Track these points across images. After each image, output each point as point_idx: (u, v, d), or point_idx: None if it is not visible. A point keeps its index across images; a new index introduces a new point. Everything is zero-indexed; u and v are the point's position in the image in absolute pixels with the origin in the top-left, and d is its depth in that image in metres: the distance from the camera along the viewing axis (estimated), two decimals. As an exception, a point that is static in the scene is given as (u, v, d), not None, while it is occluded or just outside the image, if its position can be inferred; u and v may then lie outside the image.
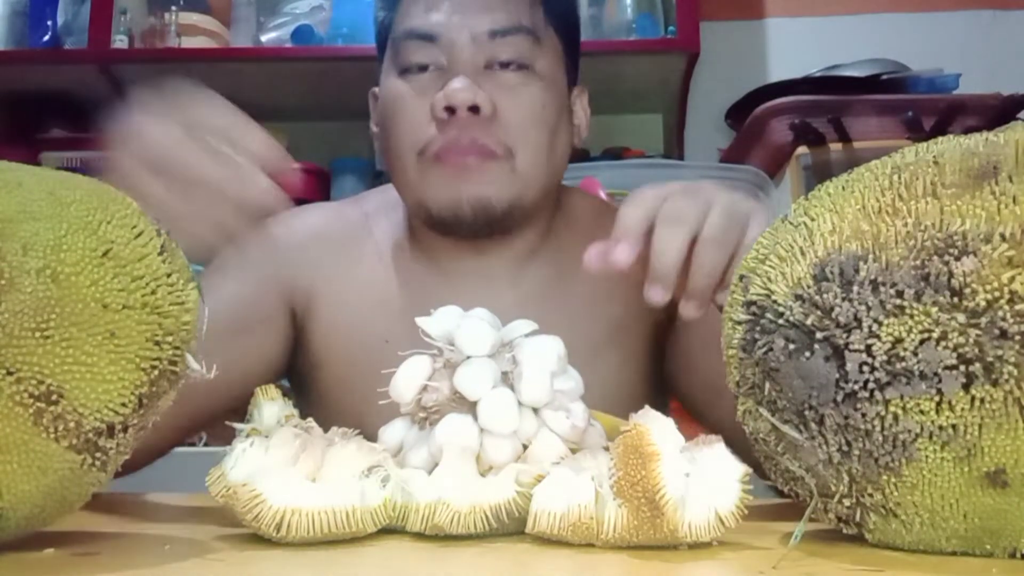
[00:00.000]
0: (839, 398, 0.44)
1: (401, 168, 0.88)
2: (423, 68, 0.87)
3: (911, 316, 0.42)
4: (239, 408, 0.83)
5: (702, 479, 0.47)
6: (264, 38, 2.23)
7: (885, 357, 0.43)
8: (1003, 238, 0.42)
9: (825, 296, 0.44)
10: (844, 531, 0.48)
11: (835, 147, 1.83)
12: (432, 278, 0.94)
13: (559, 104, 0.90)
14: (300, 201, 2.24)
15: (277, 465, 0.50)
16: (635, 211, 0.65)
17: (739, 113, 2.04)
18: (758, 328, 0.47)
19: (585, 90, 0.97)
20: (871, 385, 0.43)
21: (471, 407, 0.55)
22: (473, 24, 0.85)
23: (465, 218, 0.86)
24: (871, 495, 0.45)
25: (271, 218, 1.01)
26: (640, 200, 0.66)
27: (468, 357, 0.56)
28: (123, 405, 0.44)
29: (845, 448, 0.44)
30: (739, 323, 0.48)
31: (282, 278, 0.95)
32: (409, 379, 0.56)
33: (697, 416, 0.93)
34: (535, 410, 0.55)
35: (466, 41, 0.85)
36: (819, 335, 0.44)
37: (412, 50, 0.87)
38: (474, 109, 0.83)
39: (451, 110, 0.83)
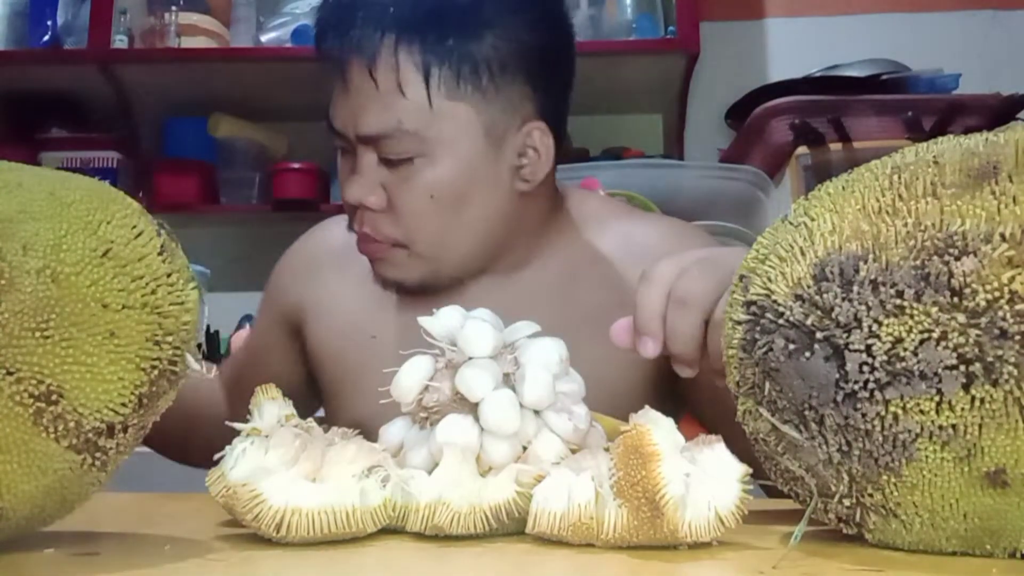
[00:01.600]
0: (839, 398, 0.44)
1: None
2: (345, 150, 0.92)
3: (911, 316, 0.42)
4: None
5: (702, 479, 0.47)
6: (264, 38, 2.23)
7: (885, 357, 0.43)
8: (1003, 238, 0.42)
9: (825, 296, 0.44)
10: (844, 531, 0.48)
11: (835, 147, 1.83)
12: (411, 296, 0.96)
13: (463, 182, 0.88)
14: (300, 201, 2.23)
15: (277, 465, 0.50)
16: (652, 294, 0.64)
17: (739, 113, 2.04)
18: (758, 328, 0.47)
19: (542, 126, 0.91)
20: (871, 385, 0.43)
21: (472, 408, 0.55)
22: (356, 127, 0.88)
23: (411, 289, 0.93)
24: (871, 495, 0.45)
25: (305, 235, 1.12)
26: (657, 279, 0.65)
27: (470, 358, 0.56)
28: (123, 405, 0.44)
29: (845, 448, 0.44)
30: (739, 323, 0.48)
31: (282, 301, 1.05)
32: (411, 379, 0.56)
33: (705, 421, 0.94)
34: (537, 412, 0.55)
35: (354, 139, 0.89)
36: (819, 335, 0.44)
37: (333, 137, 0.92)
38: (363, 206, 0.88)
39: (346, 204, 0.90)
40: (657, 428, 0.48)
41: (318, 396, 1.04)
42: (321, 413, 1.04)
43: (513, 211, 0.92)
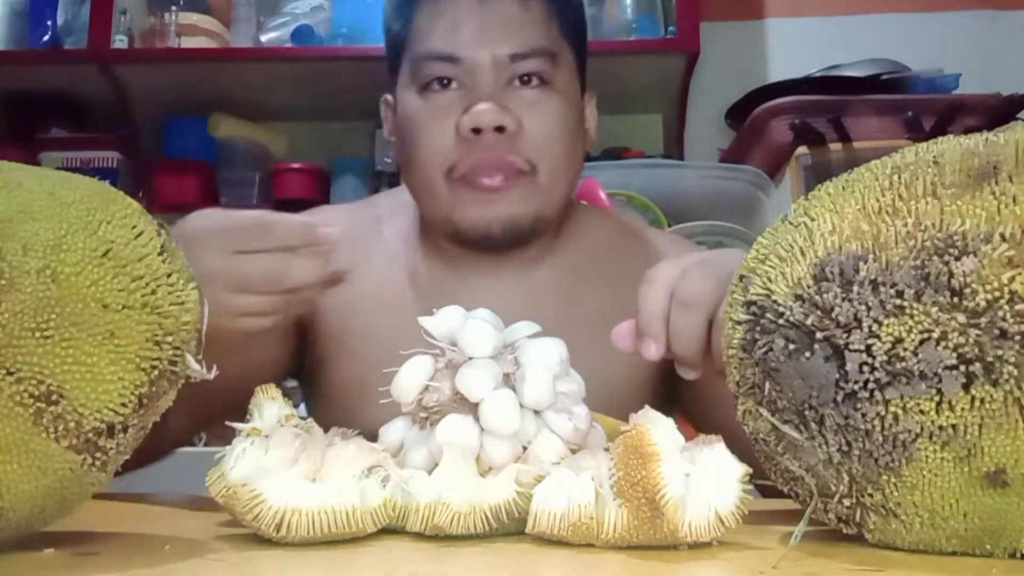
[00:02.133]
0: (839, 398, 0.44)
1: (427, 187, 0.90)
2: (444, 85, 0.89)
3: (911, 316, 0.42)
4: (238, 409, 0.85)
5: (702, 479, 0.47)
6: (264, 38, 2.23)
7: (885, 357, 0.43)
8: (1003, 238, 0.42)
9: (825, 296, 0.44)
10: (844, 531, 0.48)
11: (835, 147, 1.83)
12: (444, 278, 0.95)
13: (576, 116, 0.93)
14: (300, 201, 2.24)
15: (277, 465, 0.50)
16: (654, 296, 0.65)
17: (739, 113, 2.04)
18: (758, 328, 0.47)
19: (594, 95, 0.99)
20: (871, 385, 0.43)
21: (472, 408, 0.55)
22: (495, 47, 0.87)
23: (494, 237, 0.90)
24: (871, 495, 0.45)
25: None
26: (658, 281, 0.65)
27: (470, 358, 0.56)
28: (123, 405, 0.44)
29: (845, 448, 0.44)
30: (739, 323, 0.48)
31: None
32: (411, 379, 0.56)
33: (699, 426, 0.94)
34: (537, 412, 0.56)
35: (488, 63, 0.87)
36: (819, 335, 0.44)
37: (433, 71, 0.89)
38: (500, 129, 0.86)
39: (477, 131, 0.86)
40: (657, 428, 0.48)
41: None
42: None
43: (579, 176, 0.95)
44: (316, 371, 0.98)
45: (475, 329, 0.56)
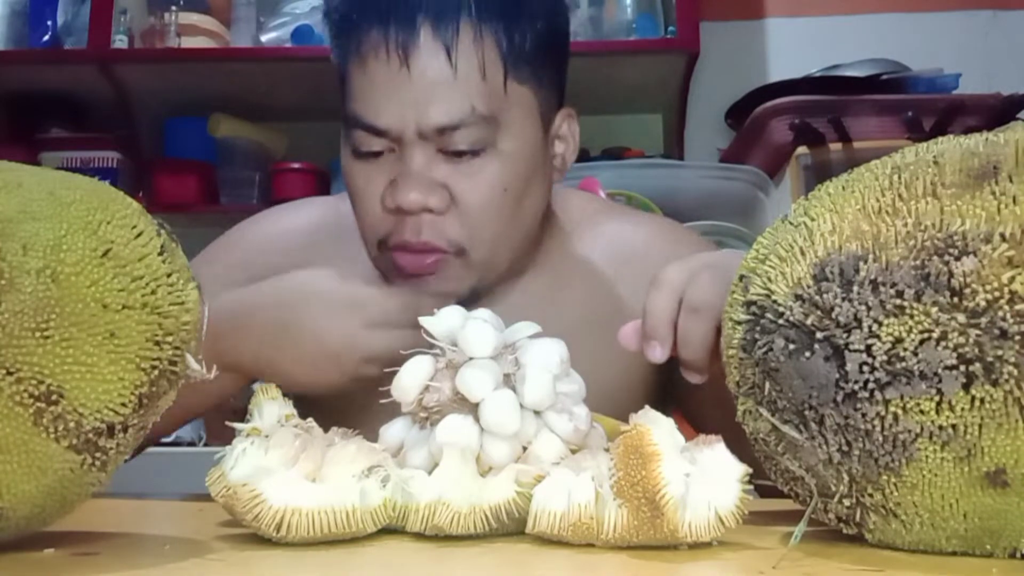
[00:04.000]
0: (839, 398, 0.44)
1: (368, 247, 0.87)
2: (375, 154, 0.82)
3: (911, 316, 0.42)
4: (225, 405, 0.85)
5: (702, 479, 0.47)
6: (264, 38, 2.23)
7: (885, 357, 0.43)
8: (1003, 238, 0.42)
9: (825, 296, 0.44)
10: (844, 531, 0.48)
11: (835, 147, 1.83)
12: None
13: (527, 172, 0.84)
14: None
15: (277, 465, 0.50)
16: (662, 299, 0.64)
17: (739, 113, 2.04)
18: (758, 328, 0.47)
19: (572, 112, 0.90)
20: (871, 385, 0.43)
21: (472, 408, 0.55)
22: (419, 118, 0.79)
23: (428, 311, 0.86)
24: (871, 495, 0.45)
25: (264, 213, 1.03)
26: (667, 284, 0.64)
27: (470, 358, 0.55)
28: (123, 405, 0.44)
29: (845, 448, 0.44)
30: (739, 323, 0.48)
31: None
32: (411, 379, 0.56)
33: (697, 426, 0.93)
34: (537, 412, 0.55)
35: (414, 136, 0.80)
36: (819, 335, 0.44)
37: (360, 138, 0.82)
38: (426, 210, 0.80)
39: (400, 210, 0.80)
40: (657, 428, 0.48)
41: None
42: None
43: (539, 217, 0.88)
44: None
45: (475, 329, 0.56)
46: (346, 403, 0.86)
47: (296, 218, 1.00)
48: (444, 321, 0.58)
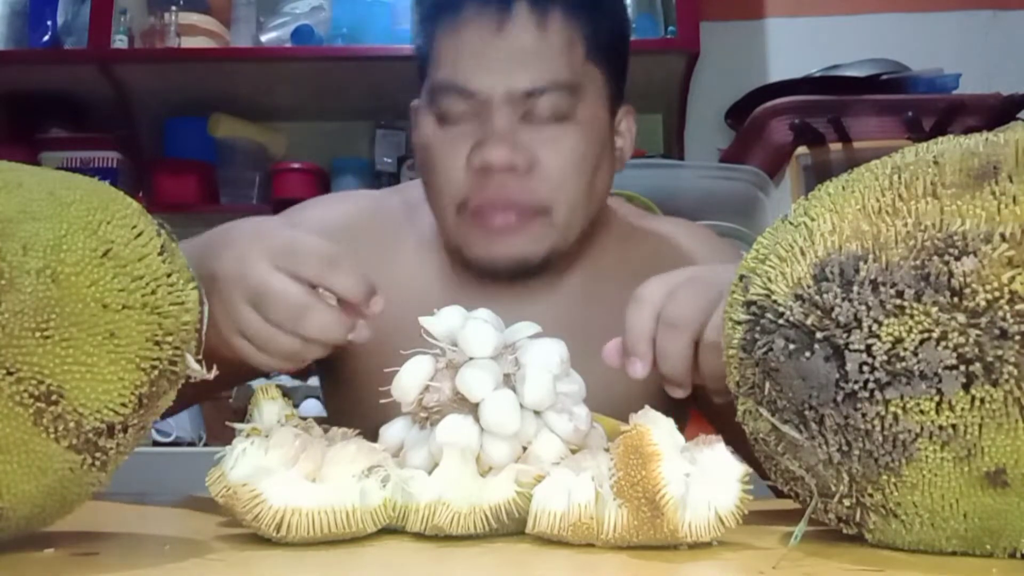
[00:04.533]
0: (839, 398, 0.44)
1: (441, 215, 0.89)
2: (459, 118, 0.86)
3: (911, 316, 0.42)
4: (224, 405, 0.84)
5: (702, 479, 0.47)
6: (264, 38, 2.23)
7: (885, 357, 0.43)
8: (1003, 238, 0.42)
9: (825, 296, 0.44)
10: (844, 531, 0.48)
11: (835, 147, 1.83)
12: (468, 281, 0.93)
13: (600, 146, 0.89)
14: (300, 201, 2.23)
15: (277, 465, 0.50)
16: (641, 316, 0.65)
17: (739, 113, 2.04)
18: (758, 328, 0.47)
19: (631, 109, 0.96)
20: (871, 385, 0.43)
21: (473, 408, 0.55)
22: (509, 81, 0.84)
23: (501, 272, 0.88)
24: (871, 495, 0.45)
25: (313, 200, 1.04)
26: (645, 301, 0.65)
27: (470, 358, 0.56)
28: (123, 405, 0.44)
29: (845, 448, 0.44)
30: (739, 323, 0.48)
31: None
32: (411, 379, 0.56)
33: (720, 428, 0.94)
34: (537, 412, 0.55)
35: (502, 99, 0.84)
36: (819, 335, 0.44)
37: (448, 101, 0.86)
38: (511, 168, 0.83)
39: (488, 168, 0.84)
40: (657, 428, 0.48)
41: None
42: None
43: (605, 198, 0.92)
44: (338, 359, 0.95)
45: (476, 329, 0.56)
46: (349, 405, 0.87)
47: (337, 210, 1.01)
48: (444, 321, 0.58)
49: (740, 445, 0.51)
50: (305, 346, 0.67)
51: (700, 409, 0.95)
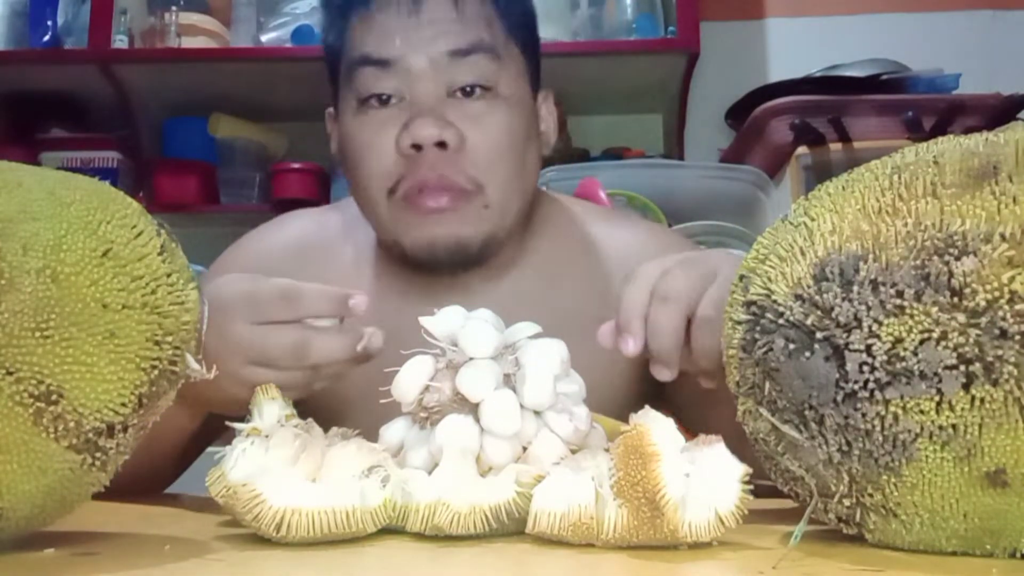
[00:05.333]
0: (839, 398, 0.44)
1: (371, 207, 0.87)
2: (383, 100, 0.84)
3: (911, 316, 0.42)
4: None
5: (702, 479, 0.47)
6: (264, 38, 2.23)
7: (885, 357, 0.43)
8: (1003, 238, 0.42)
9: (825, 296, 0.44)
10: (844, 531, 0.48)
11: (835, 147, 1.83)
12: (410, 288, 0.92)
13: (526, 123, 0.88)
14: (300, 201, 2.24)
15: (277, 465, 0.50)
16: (635, 293, 0.64)
17: (739, 113, 2.04)
18: (758, 328, 0.47)
19: (550, 93, 0.95)
20: (871, 385, 0.43)
21: (473, 408, 0.55)
22: (430, 46, 0.83)
23: (441, 259, 0.85)
24: (871, 495, 0.45)
25: (254, 231, 1.03)
26: (641, 279, 0.65)
27: (471, 358, 0.56)
28: (123, 405, 0.44)
29: (845, 448, 0.44)
30: (739, 323, 0.48)
31: None
32: (411, 379, 0.56)
33: (689, 424, 0.93)
34: (537, 413, 0.55)
35: (424, 65, 0.83)
36: (819, 335, 0.44)
37: (369, 79, 0.84)
38: (441, 144, 0.81)
39: (417, 147, 0.81)
40: (657, 428, 0.48)
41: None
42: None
43: (535, 183, 0.91)
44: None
45: (476, 330, 0.56)
46: (348, 406, 0.86)
47: (280, 234, 1.00)
48: (444, 321, 0.58)
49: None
50: (318, 374, 0.68)
51: (673, 405, 0.93)
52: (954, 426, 0.42)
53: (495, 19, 0.86)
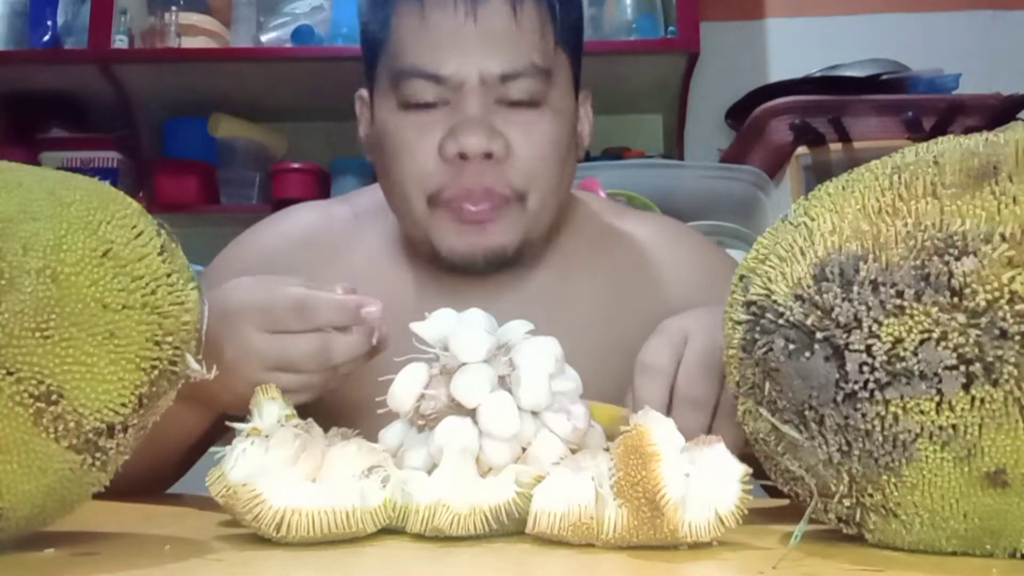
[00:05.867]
0: (839, 398, 0.44)
1: (407, 208, 0.86)
2: (428, 104, 0.83)
3: (911, 316, 0.42)
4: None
5: (702, 479, 0.47)
6: (264, 38, 2.23)
7: (885, 357, 0.43)
8: (1003, 238, 0.42)
9: (825, 296, 0.44)
10: (844, 531, 0.48)
11: (835, 147, 1.83)
12: (428, 284, 0.91)
13: (569, 130, 0.88)
14: (300, 201, 2.24)
15: (277, 465, 0.50)
16: (652, 389, 0.65)
17: (739, 113, 2.04)
18: (758, 328, 0.47)
19: (588, 95, 0.94)
20: (871, 385, 0.43)
21: (470, 411, 0.54)
22: (483, 65, 0.81)
23: (477, 266, 0.85)
24: (871, 495, 0.45)
25: (258, 225, 1.01)
26: (656, 372, 0.65)
27: (463, 364, 0.55)
28: (123, 405, 0.44)
29: (845, 448, 0.44)
30: (739, 323, 0.48)
31: None
32: (406, 388, 0.56)
33: None
34: (535, 413, 0.55)
35: (476, 82, 0.81)
36: (819, 335, 0.44)
37: (417, 89, 0.83)
38: (488, 155, 0.81)
39: (463, 156, 0.81)
40: (657, 428, 0.48)
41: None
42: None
43: (570, 187, 0.90)
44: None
45: (467, 335, 0.55)
46: (350, 408, 0.86)
47: (285, 228, 0.99)
48: (435, 326, 0.57)
49: None
50: (336, 373, 0.70)
51: None
52: (954, 426, 0.42)
53: (548, 27, 0.85)
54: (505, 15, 0.82)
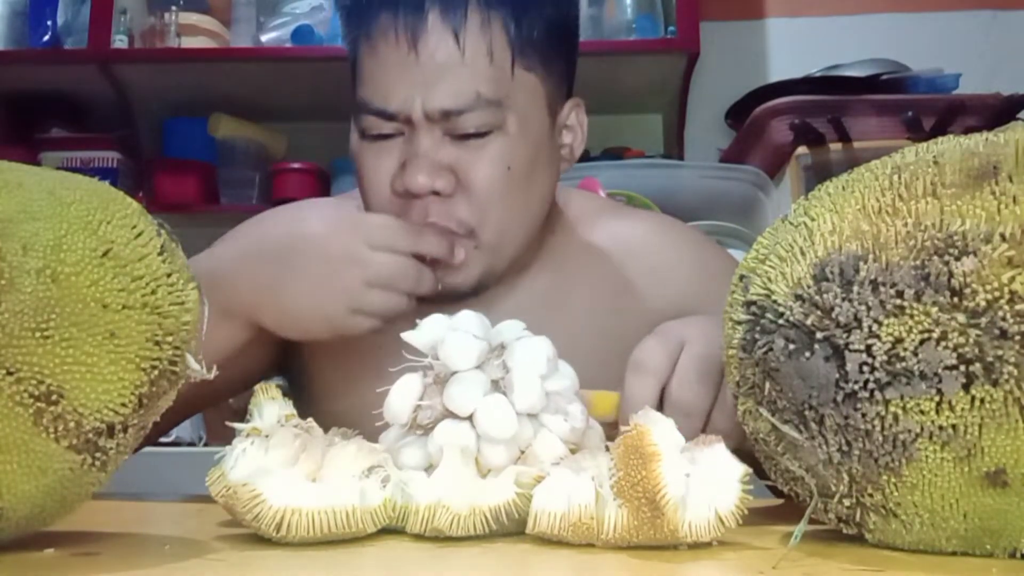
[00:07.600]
0: (839, 398, 0.44)
1: None
2: (386, 135, 0.82)
3: (911, 316, 0.42)
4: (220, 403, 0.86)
5: (702, 479, 0.47)
6: (264, 38, 2.23)
7: (885, 357, 0.43)
8: (1003, 238, 0.42)
9: (825, 296, 0.44)
10: (844, 531, 0.48)
11: (835, 147, 1.83)
12: None
13: (534, 151, 0.84)
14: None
15: (277, 465, 0.50)
16: (644, 389, 0.65)
17: (739, 113, 2.04)
18: (758, 328, 0.47)
19: (580, 101, 0.90)
20: (871, 385, 0.43)
21: (468, 417, 0.54)
22: (427, 101, 0.79)
23: (432, 298, 0.82)
24: (871, 495, 0.45)
25: (271, 215, 1.01)
26: (648, 372, 0.65)
27: (454, 372, 0.55)
28: (123, 405, 0.44)
29: (845, 448, 0.44)
30: (739, 323, 0.48)
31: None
32: (401, 400, 0.55)
33: None
34: (532, 415, 0.55)
35: (420, 118, 0.80)
36: (819, 335, 0.44)
37: (371, 123, 0.82)
38: (434, 192, 0.80)
39: (409, 193, 0.80)
40: (657, 428, 0.48)
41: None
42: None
43: (546, 207, 0.88)
44: (300, 376, 0.95)
45: (456, 343, 0.55)
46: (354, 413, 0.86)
47: (307, 222, 0.99)
48: (426, 333, 0.57)
49: None
50: (408, 307, 0.75)
51: None
52: (954, 426, 0.42)
53: (504, 49, 0.81)
54: (448, 46, 0.80)
